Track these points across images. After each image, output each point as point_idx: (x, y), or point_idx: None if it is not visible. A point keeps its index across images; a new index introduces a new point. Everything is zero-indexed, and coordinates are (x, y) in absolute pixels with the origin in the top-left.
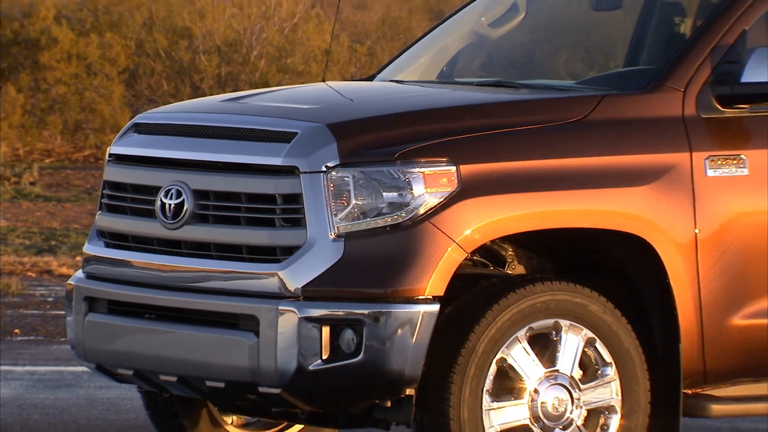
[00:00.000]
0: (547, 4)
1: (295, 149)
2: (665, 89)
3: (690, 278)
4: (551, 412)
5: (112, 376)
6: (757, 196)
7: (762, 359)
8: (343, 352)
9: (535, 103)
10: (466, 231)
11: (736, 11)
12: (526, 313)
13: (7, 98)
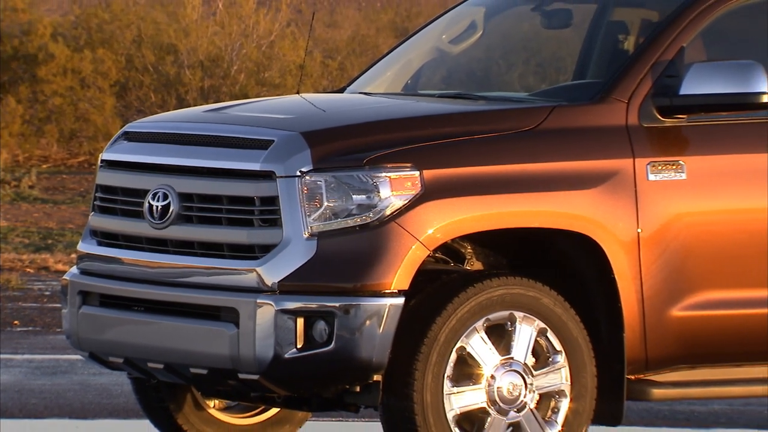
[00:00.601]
0: (502, 23)
1: (272, 155)
2: (610, 101)
3: (633, 274)
4: (506, 396)
5: (104, 363)
6: (695, 198)
7: (698, 347)
8: (316, 342)
9: (492, 113)
10: (429, 230)
11: (675, 30)
12: (483, 306)
13: (8, 109)
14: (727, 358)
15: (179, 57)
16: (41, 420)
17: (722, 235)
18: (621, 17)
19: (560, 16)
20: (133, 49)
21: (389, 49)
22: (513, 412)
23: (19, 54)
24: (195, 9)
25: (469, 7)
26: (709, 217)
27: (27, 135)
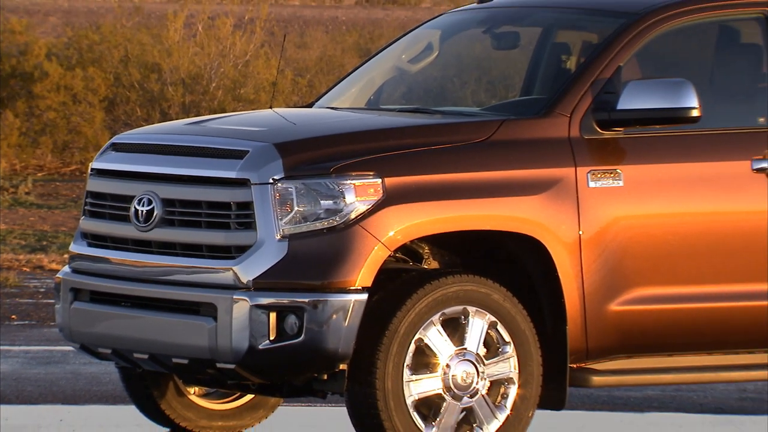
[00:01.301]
0: (456, 45)
1: (247, 165)
2: (554, 115)
3: (575, 272)
4: (460, 383)
5: (93, 354)
6: (631, 203)
7: (634, 339)
8: (287, 334)
9: (447, 126)
10: (390, 233)
11: (613, 51)
12: (439, 301)
13: (6, 122)
14: (660, 348)
15: (163, 75)
16: (36, 406)
17: (655, 236)
18: (564, 39)
19: (509, 38)
20: (120, 68)
21: (354, 68)
22: (466, 397)
23: (16, 72)
24: (177, 31)
25: (426, 30)
26: (644, 220)
27: (24, 146)
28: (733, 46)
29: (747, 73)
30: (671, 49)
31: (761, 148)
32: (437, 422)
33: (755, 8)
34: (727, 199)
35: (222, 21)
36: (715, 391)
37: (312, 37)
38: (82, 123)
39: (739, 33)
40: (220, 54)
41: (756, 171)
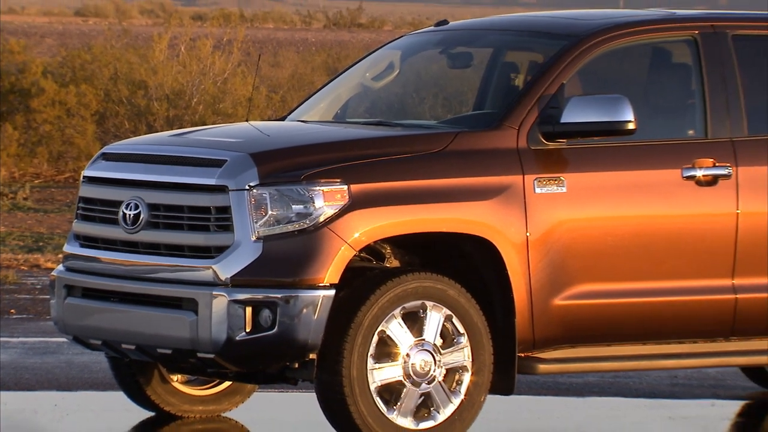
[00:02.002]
0: (415, 64)
1: (225, 172)
2: (504, 128)
3: (523, 270)
4: (419, 371)
5: (85, 345)
6: (573, 208)
7: (576, 330)
8: (262, 327)
9: (407, 138)
10: (355, 234)
11: (556, 69)
12: (400, 296)
13: (6, 134)
14: (599, 339)
15: (149, 91)
16: (33, 392)
17: (595, 238)
18: (512, 59)
19: (463, 58)
20: (110, 85)
21: (322, 85)
22: (425, 384)
23: (15, 88)
24: (162, 51)
25: (388, 50)
26: (585, 223)
27: (22, 156)
28: (665, 66)
29: (678, 90)
30: (609, 68)
31: (690, 158)
32: (398, 406)
33: (684, 31)
34: (660, 203)
35: (202, 42)
36: (649, 377)
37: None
38: (75, 135)
39: (670, 54)
40: (200, 72)
41: (686, 178)
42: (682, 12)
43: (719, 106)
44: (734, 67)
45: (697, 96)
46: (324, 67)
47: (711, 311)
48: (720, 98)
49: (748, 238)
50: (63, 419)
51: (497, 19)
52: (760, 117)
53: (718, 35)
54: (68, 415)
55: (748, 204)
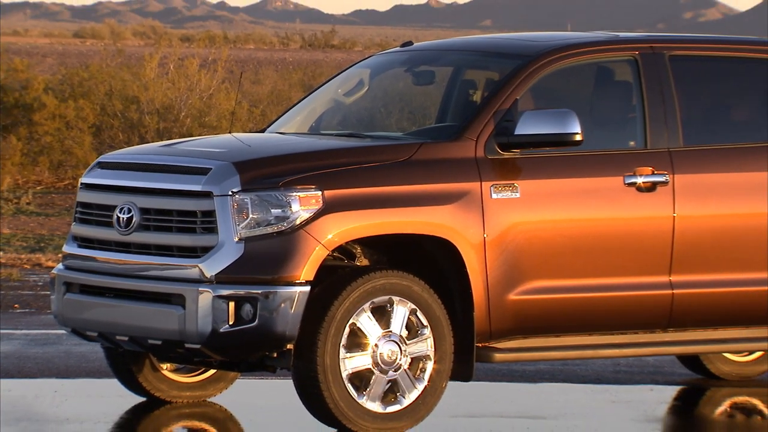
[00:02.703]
0: (383, 81)
1: (210, 180)
2: (463, 139)
3: (480, 268)
4: (386, 360)
5: (83, 336)
6: (526, 212)
7: (529, 323)
8: (244, 320)
9: (375, 148)
10: (328, 236)
11: (511, 86)
12: (369, 292)
13: (10, 145)
14: (550, 330)
15: (141, 106)
16: (35, 379)
17: (546, 239)
18: (471, 77)
19: (426, 75)
20: (105, 100)
21: (299, 100)
22: (391, 371)
23: (18, 103)
24: (152, 69)
25: (358, 69)
26: (537, 225)
27: (25, 164)
28: (609, 83)
29: (620, 105)
30: (558, 85)
31: (632, 166)
32: (367, 392)
33: (626, 52)
34: (604, 208)
35: (190, 61)
36: (594, 365)
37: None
38: (74, 145)
39: (613, 72)
40: (188, 88)
41: (627, 185)
42: (624, 34)
43: (657, 120)
44: (671, 84)
45: (638, 110)
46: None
47: (650, 305)
48: (658, 112)
49: (684, 239)
50: (62, 404)
51: (457, 40)
52: (694, 129)
53: (656, 55)
54: (67, 400)
55: (684, 208)
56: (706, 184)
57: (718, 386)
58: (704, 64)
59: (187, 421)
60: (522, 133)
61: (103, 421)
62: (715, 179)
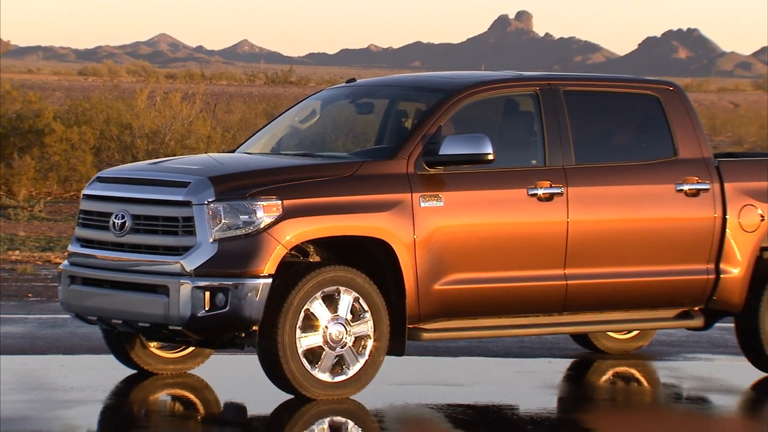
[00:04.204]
0: (332, 110)
1: (190, 191)
2: (397, 158)
3: (411, 263)
4: (335, 339)
5: (84, 320)
6: (448, 217)
7: (450, 308)
8: (217, 306)
9: (325, 165)
10: (287, 237)
11: (435, 115)
12: (320, 283)
13: (25, 163)
14: (468, 314)
15: (133, 131)
16: (45, 355)
17: (464, 239)
18: (403, 107)
19: (367, 106)
20: (104, 126)
21: (262, 126)
22: (339, 348)
23: (32, 129)
24: (143, 101)
25: (311, 101)
26: (457, 228)
27: (37, 179)
28: (515, 113)
29: (524, 130)
30: (474, 114)
31: (533, 180)
32: (319, 365)
33: (529, 88)
34: (511, 214)
35: (173, 95)
36: (503, 342)
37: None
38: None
39: (518, 104)
40: (172, 117)
41: (530, 195)
42: (527, 73)
43: (554, 143)
44: (565, 114)
45: (538, 135)
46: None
47: (549, 293)
48: (555, 137)
49: (575, 239)
50: (67, 376)
51: (392, 77)
52: (584, 151)
53: (553, 91)
54: (71, 372)
55: (575, 214)
56: (593, 195)
57: (603, 359)
58: (592, 97)
59: (170, 390)
60: (445, 153)
61: (102, 390)
62: (600, 191)
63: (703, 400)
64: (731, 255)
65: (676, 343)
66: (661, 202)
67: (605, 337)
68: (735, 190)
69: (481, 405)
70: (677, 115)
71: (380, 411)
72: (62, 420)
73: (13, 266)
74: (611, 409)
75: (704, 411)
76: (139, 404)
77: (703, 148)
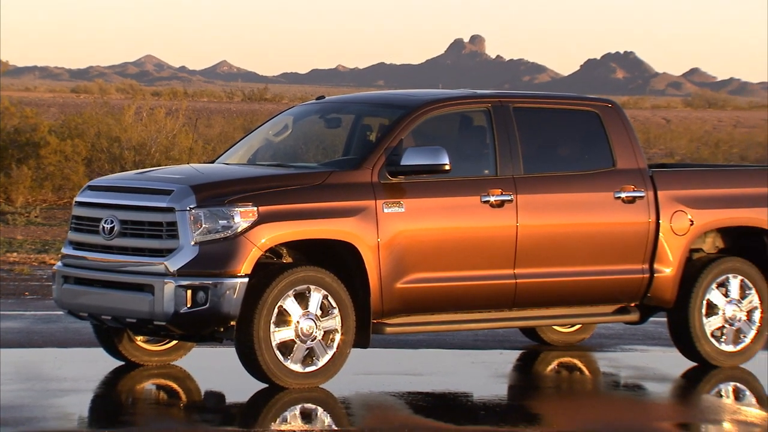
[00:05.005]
0: (303, 125)
1: (173, 198)
2: (363, 168)
3: (375, 264)
4: (305, 333)
5: (76, 316)
6: (409, 222)
7: (410, 304)
8: (198, 303)
9: (297, 175)
10: (262, 240)
11: (397, 129)
12: (292, 282)
13: (22, 173)
14: (427, 310)
15: (121, 143)
16: (40, 348)
17: (423, 242)
18: (368, 122)
19: (335, 121)
20: (95, 139)
21: (239, 139)
22: (309, 341)
23: (29, 142)
24: (130, 116)
25: (284, 116)
26: (416, 232)
27: (34, 187)
28: (469, 127)
29: (477, 143)
30: (433, 128)
31: (486, 188)
32: (291, 357)
33: (482, 105)
34: (466, 219)
35: (158, 110)
36: (459, 335)
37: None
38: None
39: (472, 119)
40: (157, 131)
41: (483, 202)
42: (480, 91)
43: (505, 155)
44: (514, 128)
45: (490, 148)
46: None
47: (500, 291)
48: (505, 149)
49: (524, 241)
50: (61, 367)
51: (358, 95)
52: (531, 161)
53: (503, 107)
54: (65, 364)
55: (524, 219)
56: (540, 201)
57: (549, 350)
58: (538, 113)
59: (155, 379)
60: (406, 164)
61: (92, 380)
62: (547, 198)
63: (638, 387)
64: (664, 256)
65: (614, 335)
66: (601, 208)
67: (551, 331)
68: (667, 197)
69: (439, 392)
70: (615, 129)
71: (347, 398)
72: (56, 407)
73: (12, 267)
74: (556, 396)
75: (640, 397)
76: (126, 393)
77: (638, 159)
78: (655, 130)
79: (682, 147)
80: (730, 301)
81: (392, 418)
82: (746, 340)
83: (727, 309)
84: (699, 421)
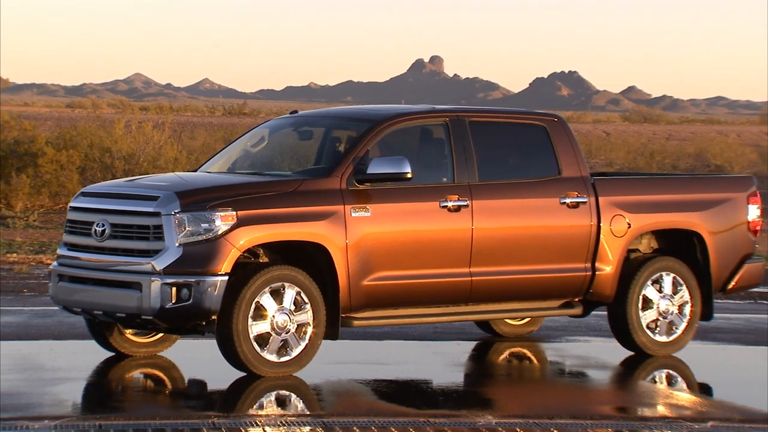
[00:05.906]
0: (278, 137)
1: (160, 203)
2: (332, 176)
3: (344, 263)
4: (280, 326)
5: (71, 312)
6: (374, 225)
7: (376, 300)
8: (182, 299)
9: (273, 182)
10: (240, 242)
11: (364, 141)
12: (268, 280)
13: (21, 181)
14: (392, 305)
15: (113, 154)
16: (37, 341)
17: (387, 243)
18: (337, 135)
19: (307, 133)
20: (88, 150)
21: (220, 149)
22: (284, 334)
23: (27, 152)
24: (120, 129)
25: (261, 129)
26: (381, 234)
27: (32, 194)
28: (429, 139)
29: (437, 154)
30: (396, 140)
31: (444, 194)
32: (267, 348)
33: (440, 118)
34: (426, 222)
35: (146, 124)
36: (420, 328)
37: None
38: (66, 181)
39: (432, 132)
40: (145, 142)
41: (442, 207)
42: (439, 107)
43: (461, 164)
44: (470, 140)
45: (448, 157)
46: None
47: (457, 287)
48: (462, 159)
49: (479, 243)
50: (56, 358)
51: (328, 110)
52: (486, 170)
53: (460, 121)
54: (60, 355)
55: (479, 222)
56: (494, 206)
57: (501, 341)
58: (492, 126)
59: (143, 369)
60: (371, 172)
61: (85, 370)
62: (500, 203)
63: (582, 375)
64: (604, 256)
65: (560, 328)
66: (548, 212)
67: (503, 323)
68: (607, 203)
69: (402, 380)
70: (561, 141)
71: (318, 386)
72: (51, 395)
73: (11, 266)
74: (508, 382)
75: (583, 383)
76: (116, 381)
77: (581, 168)
78: (596, 142)
79: (621, 157)
80: (663, 296)
81: (359, 404)
82: (678, 331)
83: (661, 303)
84: (636, 405)
